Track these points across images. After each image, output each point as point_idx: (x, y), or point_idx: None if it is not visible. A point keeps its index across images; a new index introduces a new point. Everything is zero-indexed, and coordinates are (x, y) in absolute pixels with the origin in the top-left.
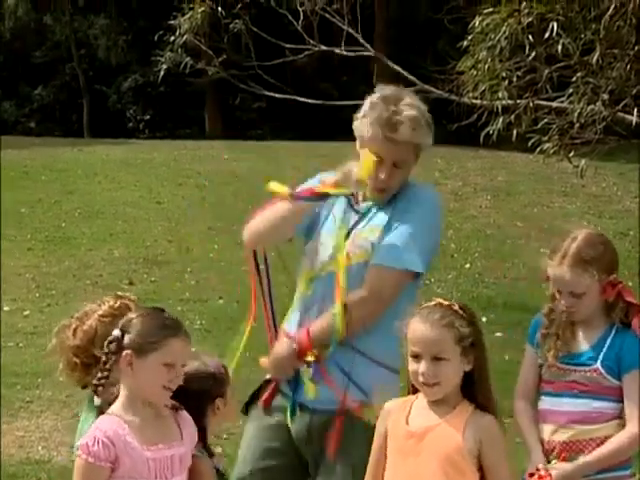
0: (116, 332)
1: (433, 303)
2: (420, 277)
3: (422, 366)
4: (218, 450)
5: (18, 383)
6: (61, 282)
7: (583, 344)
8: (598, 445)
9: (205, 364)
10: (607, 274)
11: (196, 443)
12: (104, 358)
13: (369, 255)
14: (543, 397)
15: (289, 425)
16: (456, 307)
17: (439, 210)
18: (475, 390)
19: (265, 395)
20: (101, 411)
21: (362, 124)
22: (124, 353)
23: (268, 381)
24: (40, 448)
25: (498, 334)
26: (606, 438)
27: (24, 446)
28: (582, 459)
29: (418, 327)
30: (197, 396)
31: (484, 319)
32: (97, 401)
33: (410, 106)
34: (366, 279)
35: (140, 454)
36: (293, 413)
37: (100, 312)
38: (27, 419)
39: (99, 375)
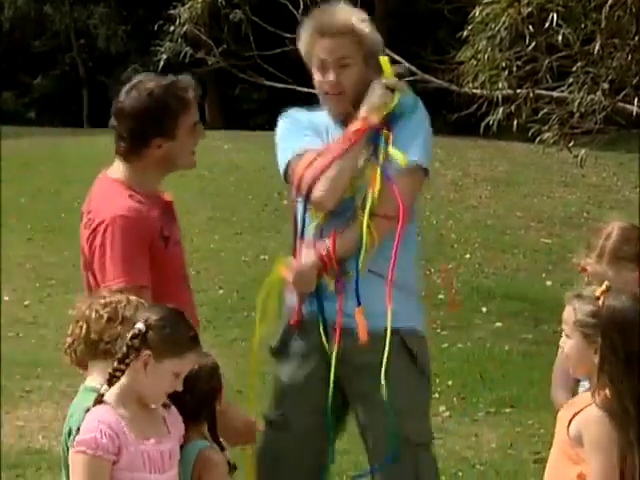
0: (140, 325)
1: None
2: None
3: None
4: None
5: (18, 373)
6: (61, 272)
7: None
8: None
9: (203, 358)
10: None
11: (207, 438)
12: (125, 350)
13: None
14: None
15: (324, 344)
16: (597, 293)
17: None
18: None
19: (294, 316)
20: (99, 401)
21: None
22: (144, 352)
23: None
24: (40, 438)
25: (498, 324)
26: None
27: (24, 436)
28: None
29: None
30: (205, 393)
31: (484, 309)
32: (105, 390)
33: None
34: (395, 188)
35: (137, 447)
36: (325, 331)
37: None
38: (27, 409)
39: (116, 366)
